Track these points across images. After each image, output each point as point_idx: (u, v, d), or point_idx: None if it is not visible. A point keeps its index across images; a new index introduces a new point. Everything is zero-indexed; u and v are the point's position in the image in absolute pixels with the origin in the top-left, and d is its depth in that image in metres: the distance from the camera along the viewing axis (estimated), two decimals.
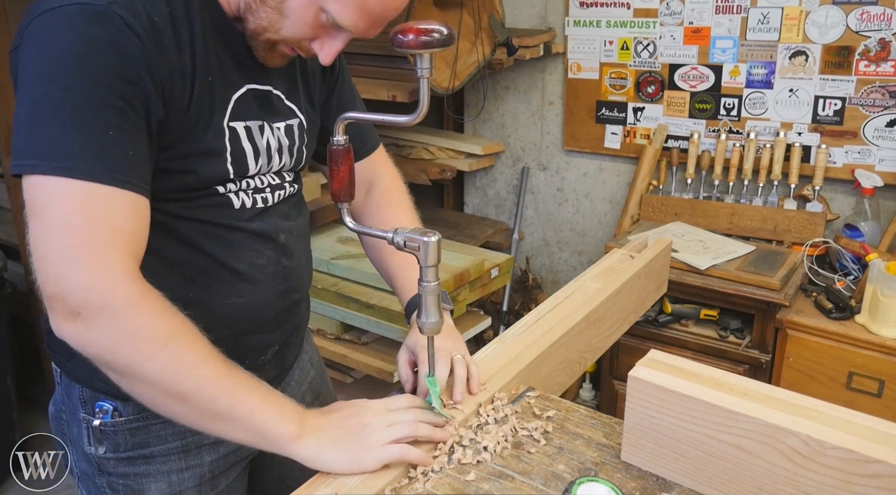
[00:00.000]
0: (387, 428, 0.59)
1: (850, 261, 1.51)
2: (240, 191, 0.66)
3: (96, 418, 0.66)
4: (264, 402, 0.57)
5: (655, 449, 0.59)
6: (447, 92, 1.68)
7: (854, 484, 0.51)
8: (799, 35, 1.60)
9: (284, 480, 0.82)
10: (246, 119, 0.64)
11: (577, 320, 0.83)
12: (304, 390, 0.82)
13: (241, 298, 0.67)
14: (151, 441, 0.67)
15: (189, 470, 0.69)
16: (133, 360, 0.54)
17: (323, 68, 0.73)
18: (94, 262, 0.52)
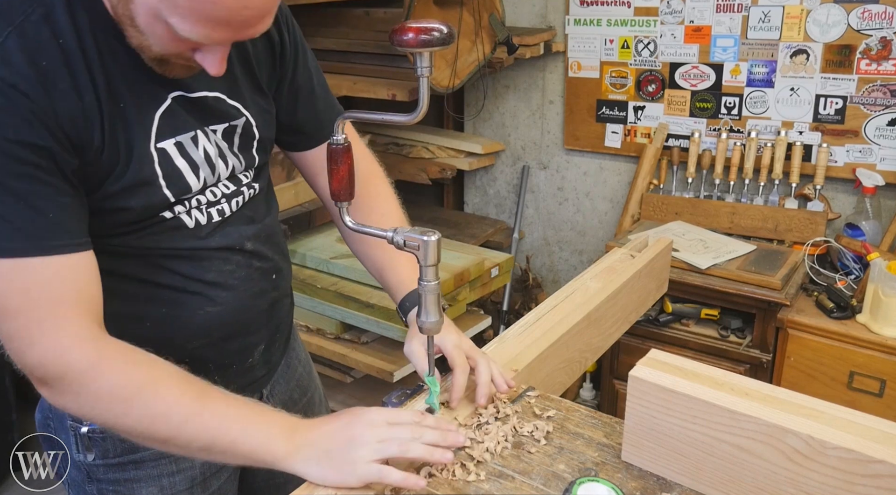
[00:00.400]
0: (376, 443, 0.56)
1: (851, 261, 1.51)
2: (191, 210, 0.63)
3: (84, 425, 0.66)
4: (246, 429, 0.56)
5: (656, 448, 0.59)
6: (447, 90, 1.68)
7: (855, 484, 0.50)
8: (800, 34, 1.59)
9: (274, 478, 0.81)
10: (175, 134, 0.60)
11: (577, 319, 0.82)
12: (293, 387, 0.82)
13: (216, 306, 0.66)
14: (141, 446, 0.66)
15: (180, 474, 0.69)
16: (106, 419, 0.55)
17: (273, 56, 0.68)
18: (43, 338, 0.52)
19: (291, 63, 0.71)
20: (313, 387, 0.86)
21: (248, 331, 0.70)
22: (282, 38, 0.69)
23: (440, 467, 0.59)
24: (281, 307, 0.76)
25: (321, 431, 0.57)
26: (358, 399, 1.60)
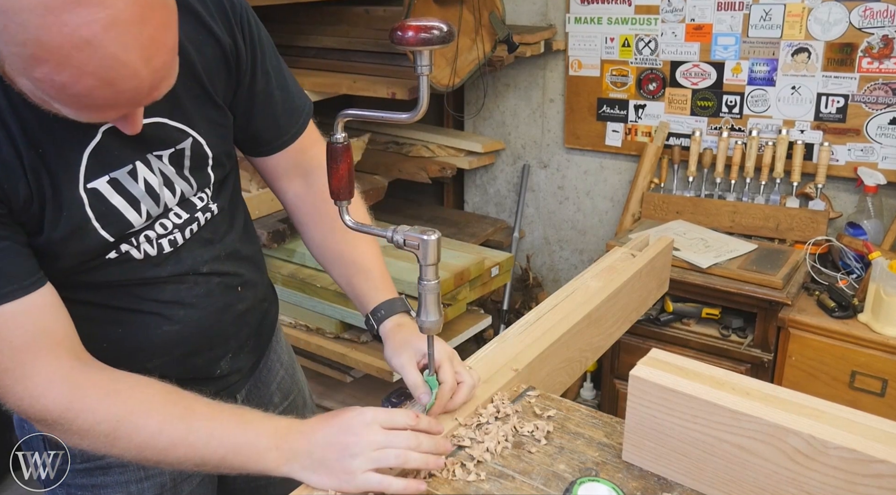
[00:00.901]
0: (373, 452, 0.54)
1: (852, 260, 1.50)
2: (140, 244, 0.60)
3: None
4: (235, 446, 0.55)
5: (657, 448, 0.59)
6: (447, 89, 1.68)
7: (857, 484, 0.50)
8: (801, 32, 1.59)
9: (255, 480, 0.81)
10: (109, 170, 0.56)
11: (577, 319, 0.82)
12: (272, 391, 0.80)
13: (175, 325, 0.64)
14: None
15: (149, 480, 0.68)
16: (98, 449, 0.55)
17: (227, 65, 0.64)
18: (16, 386, 0.51)
19: (248, 70, 0.66)
20: (296, 390, 0.84)
21: (212, 345, 0.69)
22: (236, 45, 0.64)
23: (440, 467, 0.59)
24: (251, 316, 0.73)
25: (314, 439, 0.56)
26: (357, 399, 1.60)
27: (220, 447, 0.55)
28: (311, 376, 1.61)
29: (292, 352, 0.88)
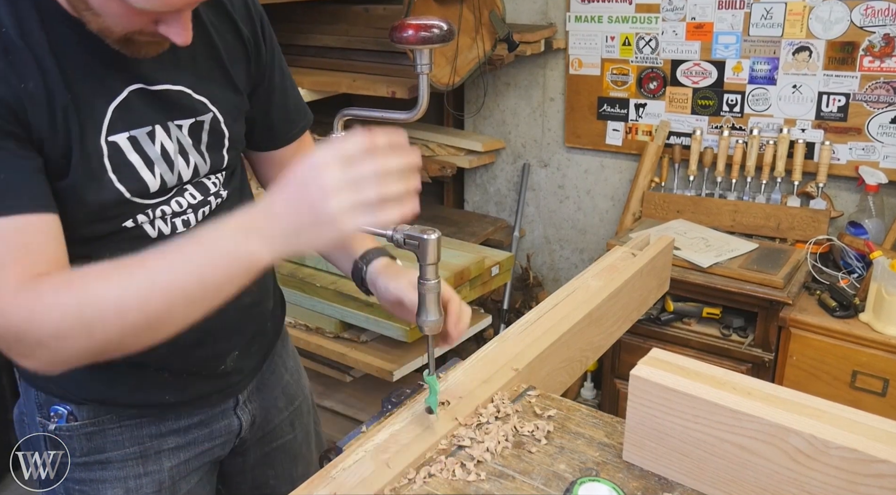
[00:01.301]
0: (344, 193, 0.47)
1: (853, 259, 1.50)
2: (155, 220, 0.61)
3: (52, 422, 0.65)
4: (203, 260, 0.49)
5: (657, 448, 0.58)
6: (447, 88, 1.68)
7: (858, 484, 0.50)
8: (802, 30, 1.58)
9: (259, 488, 0.81)
10: (130, 128, 0.57)
11: (578, 318, 0.82)
12: (277, 394, 0.80)
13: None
14: (108, 446, 0.66)
15: (147, 476, 0.68)
16: (83, 350, 0.50)
17: (246, 54, 0.66)
18: None
19: (269, 64, 0.69)
20: (301, 396, 0.85)
21: (217, 338, 0.68)
22: (255, 39, 0.67)
23: (440, 467, 0.59)
24: (258, 312, 0.74)
25: (276, 212, 0.49)
26: (357, 398, 1.60)
27: (190, 271, 0.49)
28: (311, 376, 1.59)
29: (298, 358, 0.88)
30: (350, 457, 0.59)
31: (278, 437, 0.81)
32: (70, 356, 0.51)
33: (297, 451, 0.83)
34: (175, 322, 0.51)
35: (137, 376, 0.66)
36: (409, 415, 0.65)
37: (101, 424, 0.66)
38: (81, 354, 0.51)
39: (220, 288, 0.51)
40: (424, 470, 0.58)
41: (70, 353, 0.51)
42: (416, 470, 0.59)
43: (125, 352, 0.52)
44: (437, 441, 0.61)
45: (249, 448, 0.79)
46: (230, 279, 0.51)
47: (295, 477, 0.82)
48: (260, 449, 0.80)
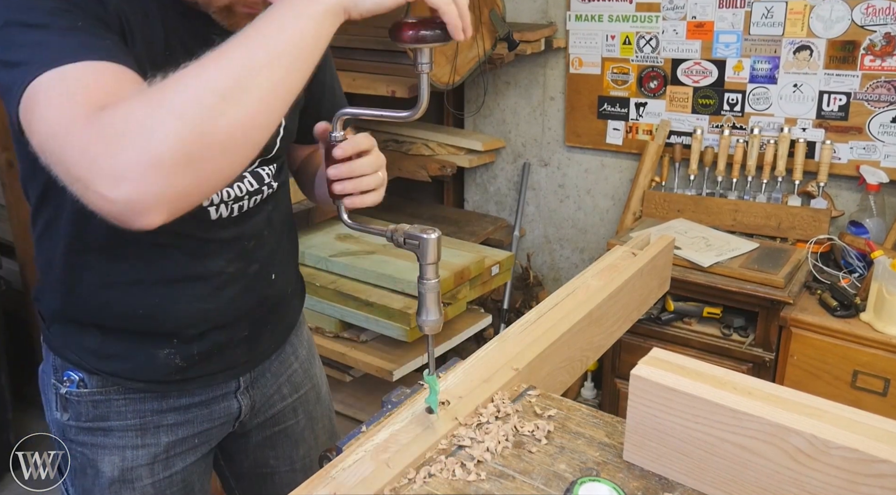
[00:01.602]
0: None
1: (854, 259, 1.50)
2: (220, 204, 0.65)
3: (64, 386, 0.69)
4: (272, 11, 0.47)
5: (658, 448, 0.58)
6: (447, 87, 1.67)
7: (859, 484, 0.50)
8: (803, 29, 1.58)
9: (259, 467, 0.82)
10: None
11: (578, 318, 0.82)
12: (282, 382, 0.82)
13: (209, 303, 0.68)
14: (111, 415, 0.69)
15: (144, 449, 0.70)
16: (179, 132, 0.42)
17: None
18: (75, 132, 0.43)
19: (325, 58, 0.72)
20: (309, 385, 0.86)
21: (234, 325, 0.72)
22: None
23: (440, 467, 0.59)
24: (279, 301, 0.77)
25: None
26: (357, 398, 1.60)
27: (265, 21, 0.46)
28: None
29: (314, 347, 0.90)
30: (350, 457, 0.59)
31: (280, 423, 0.82)
32: (159, 150, 0.42)
33: (300, 436, 0.85)
34: (262, 84, 0.45)
35: (148, 353, 0.68)
36: (409, 415, 0.65)
37: (108, 394, 0.69)
38: (173, 145, 0.42)
39: (294, 33, 0.46)
40: (424, 470, 0.58)
41: (160, 145, 0.42)
42: (415, 470, 0.58)
43: (219, 145, 0.44)
44: (437, 441, 0.61)
45: (251, 430, 0.81)
46: (301, 22, 0.46)
47: (295, 459, 0.84)
48: (262, 432, 0.81)
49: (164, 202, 0.44)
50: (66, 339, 0.68)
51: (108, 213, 0.44)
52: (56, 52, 0.47)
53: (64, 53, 0.47)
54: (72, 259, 0.65)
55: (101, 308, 0.66)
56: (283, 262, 0.76)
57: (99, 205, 0.44)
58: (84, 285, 0.65)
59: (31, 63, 0.47)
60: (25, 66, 0.47)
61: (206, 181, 0.45)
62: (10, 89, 0.48)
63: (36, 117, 0.46)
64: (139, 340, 0.67)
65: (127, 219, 0.44)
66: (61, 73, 0.46)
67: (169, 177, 0.43)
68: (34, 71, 0.47)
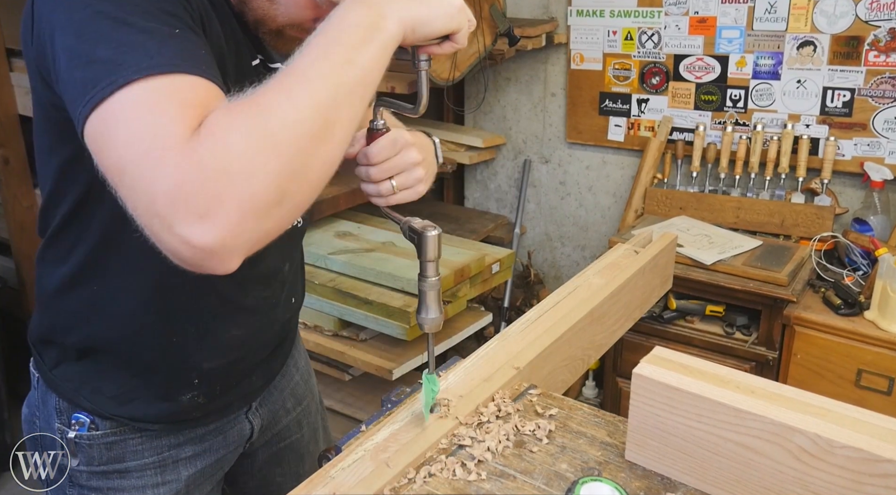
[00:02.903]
0: None
1: (859, 256, 1.49)
2: None
3: (72, 430, 0.64)
4: (338, 35, 0.46)
5: (660, 447, 0.58)
6: (447, 83, 1.67)
7: (864, 483, 0.49)
8: (807, 25, 1.57)
9: (266, 486, 0.81)
10: None
11: (580, 316, 0.81)
12: (286, 396, 0.80)
13: (241, 330, 0.66)
14: (128, 456, 0.66)
15: (165, 486, 0.68)
16: (276, 169, 0.40)
17: None
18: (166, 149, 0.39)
19: None
20: (309, 396, 0.85)
21: (257, 352, 0.71)
22: None
23: (440, 467, 0.58)
24: (291, 325, 0.76)
25: None
26: (356, 397, 1.59)
27: (334, 53, 0.45)
28: None
29: (308, 356, 0.89)
30: (349, 457, 0.59)
31: (286, 437, 0.81)
32: (259, 191, 0.40)
33: (304, 450, 0.84)
34: (344, 120, 0.44)
35: (174, 396, 0.65)
36: (409, 414, 0.64)
37: (122, 434, 0.66)
38: (271, 186, 0.40)
39: (364, 64, 0.46)
40: (424, 470, 0.58)
41: (260, 186, 0.40)
42: (415, 470, 0.58)
43: (306, 184, 0.43)
44: (438, 440, 0.61)
45: (258, 449, 0.79)
46: (370, 50, 0.46)
47: (301, 474, 0.83)
48: (268, 449, 0.80)
49: (250, 245, 0.41)
50: (79, 382, 0.63)
51: (182, 257, 0.40)
52: (151, 59, 0.42)
53: (160, 61, 0.42)
54: (108, 284, 0.59)
55: (131, 340, 0.61)
56: (299, 281, 0.75)
57: (175, 248, 0.40)
58: (117, 312, 0.60)
59: (121, 64, 0.41)
60: (113, 65, 0.41)
61: (288, 220, 0.44)
62: (84, 86, 0.41)
63: (119, 130, 0.40)
64: (164, 378, 0.64)
65: (204, 263, 0.40)
66: (155, 83, 0.41)
67: (261, 220, 0.41)
68: (124, 74, 0.41)
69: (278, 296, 0.70)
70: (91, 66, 0.42)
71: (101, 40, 0.43)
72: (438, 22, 0.51)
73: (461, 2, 0.52)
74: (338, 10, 0.48)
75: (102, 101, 0.41)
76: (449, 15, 0.51)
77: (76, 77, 0.43)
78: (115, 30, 0.43)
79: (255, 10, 0.55)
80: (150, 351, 0.62)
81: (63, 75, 0.44)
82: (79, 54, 0.43)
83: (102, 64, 0.42)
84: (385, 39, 0.48)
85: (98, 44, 0.43)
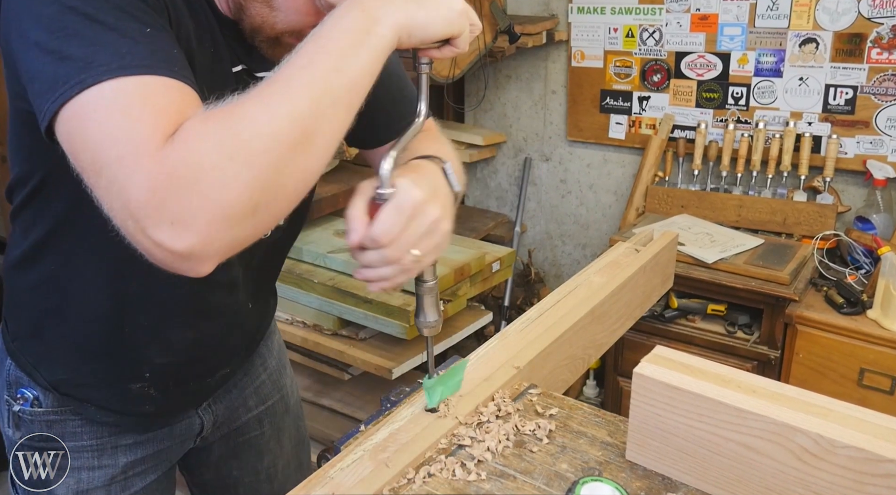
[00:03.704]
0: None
1: (861, 255, 1.48)
2: None
3: (17, 404, 0.65)
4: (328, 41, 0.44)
5: (661, 447, 0.57)
6: (447, 81, 1.66)
7: (866, 484, 0.49)
8: (809, 22, 1.56)
9: (222, 478, 0.81)
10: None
11: (580, 315, 0.81)
12: (248, 394, 0.79)
13: (195, 332, 0.65)
14: (66, 436, 0.66)
15: (100, 470, 0.68)
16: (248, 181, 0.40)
17: None
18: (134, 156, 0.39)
19: None
20: (277, 396, 0.83)
21: (217, 356, 0.70)
22: None
23: (440, 467, 0.58)
24: (257, 333, 0.75)
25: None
26: (356, 397, 1.59)
27: (321, 61, 0.44)
28: (309, 373, 1.60)
29: (285, 355, 0.87)
30: (348, 457, 0.59)
31: (244, 433, 0.81)
32: (231, 201, 0.40)
33: (265, 446, 0.83)
34: (325, 131, 0.43)
35: (123, 387, 0.65)
36: (409, 414, 0.64)
37: (63, 414, 0.66)
38: (243, 196, 0.40)
39: (353, 71, 0.44)
40: (424, 470, 0.57)
41: (232, 196, 0.40)
42: (415, 470, 0.58)
43: (282, 195, 0.42)
44: (437, 440, 0.60)
45: (213, 444, 0.79)
46: (360, 57, 0.45)
47: (259, 470, 0.83)
48: (225, 443, 0.80)
49: (222, 252, 0.42)
50: (35, 357, 0.64)
51: (156, 258, 0.41)
52: (123, 59, 0.41)
53: (132, 61, 0.41)
54: (65, 263, 0.60)
55: (85, 321, 0.61)
56: (273, 293, 0.75)
57: (149, 249, 0.41)
58: (72, 291, 0.60)
59: (91, 63, 0.41)
60: (83, 64, 0.41)
61: (262, 228, 0.44)
62: (53, 83, 0.41)
63: (90, 131, 0.40)
64: (115, 365, 0.64)
65: (177, 266, 0.41)
66: (127, 84, 0.41)
67: (233, 229, 0.41)
68: (94, 74, 0.40)
69: (241, 304, 0.68)
70: (61, 64, 0.41)
71: (72, 37, 0.42)
72: (437, 26, 0.49)
73: (462, 6, 0.50)
74: (332, 13, 0.47)
75: (71, 99, 0.41)
76: (448, 19, 0.49)
77: (44, 72, 0.42)
78: (85, 27, 0.42)
79: (254, 18, 0.53)
80: (101, 335, 0.62)
81: (29, 68, 0.43)
82: (48, 50, 0.42)
83: (73, 62, 0.41)
84: (377, 45, 0.46)
85: (68, 40, 0.42)
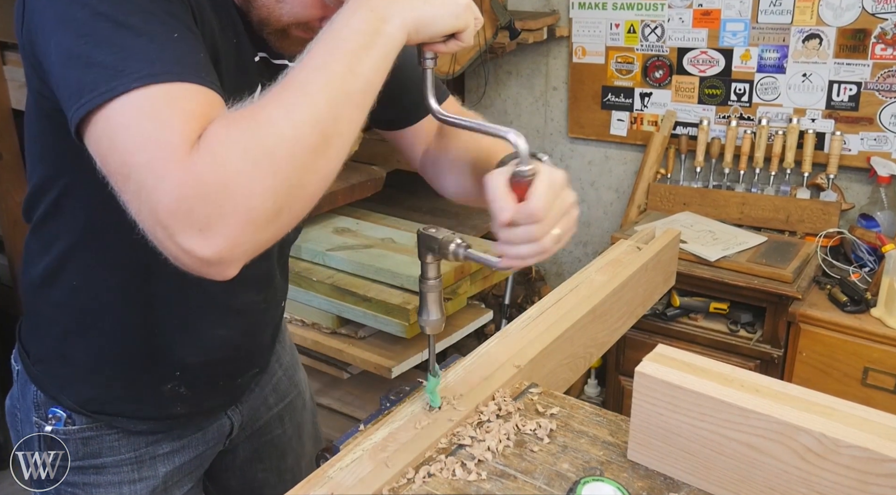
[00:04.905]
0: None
1: (865, 253, 1.48)
2: None
3: (49, 424, 0.64)
4: (339, 42, 0.45)
5: (663, 447, 0.57)
6: (447, 77, 1.65)
7: (870, 483, 0.49)
8: (812, 17, 1.54)
9: (248, 482, 0.81)
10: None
11: (581, 314, 0.80)
12: (267, 392, 0.80)
13: (227, 330, 0.66)
14: (104, 451, 0.66)
15: (142, 482, 0.68)
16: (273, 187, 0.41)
17: None
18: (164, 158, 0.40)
19: None
20: (295, 392, 0.84)
21: (245, 357, 0.70)
22: None
23: (440, 467, 0.58)
24: (279, 330, 0.77)
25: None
26: (355, 395, 1.59)
27: (335, 61, 0.45)
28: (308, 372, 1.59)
29: (296, 353, 0.88)
30: (347, 456, 0.58)
31: (267, 433, 0.81)
32: (257, 207, 0.41)
33: (287, 445, 0.83)
34: (343, 132, 0.45)
35: (154, 390, 0.65)
36: (408, 413, 0.64)
37: (99, 430, 0.66)
38: (268, 202, 0.42)
39: (366, 72, 0.46)
40: (424, 470, 0.57)
41: (257, 202, 0.41)
42: (415, 470, 0.57)
43: (304, 198, 0.44)
44: (437, 439, 0.60)
45: (238, 445, 0.79)
46: (372, 57, 0.46)
47: (283, 470, 0.83)
48: (249, 445, 0.80)
49: (247, 256, 0.44)
50: (62, 378, 0.64)
51: (184, 263, 0.42)
52: (153, 66, 0.42)
53: (161, 69, 0.42)
54: (90, 275, 0.59)
55: (114, 332, 0.61)
56: (286, 285, 0.75)
57: (177, 255, 0.42)
58: (100, 302, 0.60)
59: (122, 71, 0.42)
60: (114, 71, 0.42)
61: (284, 230, 0.45)
62: (82, 88, 0.42)
63: (119, 136, 0.41)
64: (145, 372, 0.64)
65: (204, 270, 0.43)
66: (156, 91, 0.42)
67: (258, 233, 0.42)
68: (125, 81, 0.41)
69: (269, 301, 0.70)
70: (90, 70, 0.42)
71: (101, 43, 0.43)
72: (444, 21, 0.50)
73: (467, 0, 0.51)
74: (341, 12, 0.48)
75: (102, 106, 0.42)
76: (454, 14, 0.50)
77: (74, 77, 0.43)
78: (115, 33, 0.43)
79: (260, 10, 0.53)
80: (132, 344, 0.62)
81: (58, 72, 0.44)
82: (77, 55, 0.43)
83: (103, 69, 0.42)
84: (387, 44, 0.47)
85: (98, 46, 0.43)
